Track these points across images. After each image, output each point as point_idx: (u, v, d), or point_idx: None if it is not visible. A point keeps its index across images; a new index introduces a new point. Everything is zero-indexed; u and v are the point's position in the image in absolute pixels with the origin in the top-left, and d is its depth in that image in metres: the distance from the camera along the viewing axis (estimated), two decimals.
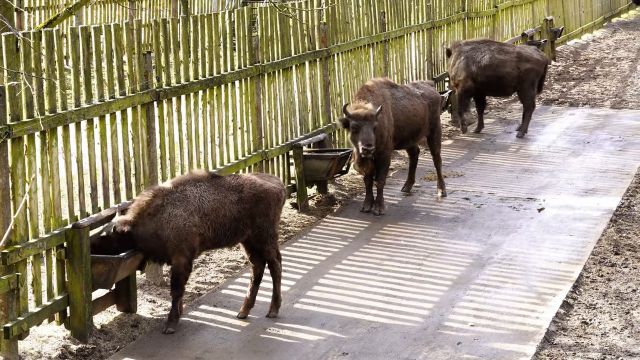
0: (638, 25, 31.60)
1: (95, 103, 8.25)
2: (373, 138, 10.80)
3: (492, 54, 15.70)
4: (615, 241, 10.31)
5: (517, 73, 15.59)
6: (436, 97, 12.26)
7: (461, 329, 8.05)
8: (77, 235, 7.65)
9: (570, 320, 8.28)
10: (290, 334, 7.99)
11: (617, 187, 12.42)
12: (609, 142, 15.11)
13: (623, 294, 8.84)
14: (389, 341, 7.83)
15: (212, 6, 24.84)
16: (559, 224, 10.96)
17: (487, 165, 13.79)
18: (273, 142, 11.39)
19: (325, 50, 12.59)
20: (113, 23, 8.64)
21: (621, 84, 20.42)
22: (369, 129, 10.80)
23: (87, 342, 7.69)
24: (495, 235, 10.58)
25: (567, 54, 24.73)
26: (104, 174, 8.43)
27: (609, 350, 7.66)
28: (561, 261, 9.71)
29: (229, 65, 10.45)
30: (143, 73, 8.88)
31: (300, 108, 12.09)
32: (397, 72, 15.07)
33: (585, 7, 28.53)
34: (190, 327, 8.16)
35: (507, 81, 15.63)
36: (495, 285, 9.07)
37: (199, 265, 9.68)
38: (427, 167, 13.17)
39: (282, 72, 11.59)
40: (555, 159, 14.05)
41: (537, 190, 12.34)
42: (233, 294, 8.91)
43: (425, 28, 16.26)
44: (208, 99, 10.07)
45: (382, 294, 8.78)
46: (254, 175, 8.31)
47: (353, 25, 13.57)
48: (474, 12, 18.69)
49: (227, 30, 10.37)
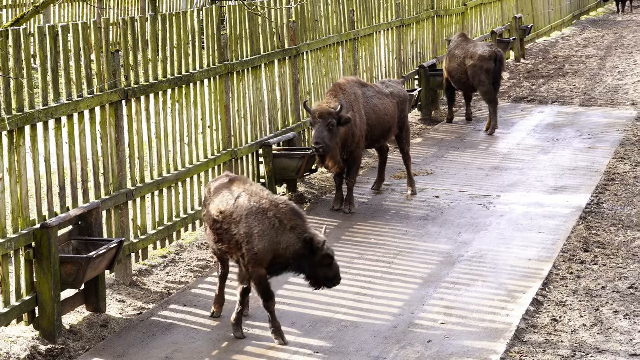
0: (607, 23, 31.84)
1: (64, 102, 8.18)
2: (326, 136, 10.60)
3: (454, 49, 16.00)
4: (584, 238, 10.37)
5: (464, 69, 15.84)
6: (405, 95, 12.28)
7: (432, 327, 8.07)
8: (46, 235, 7.58)
9: (541, 318, 8.32)
10: (261, 334, 7.96)
11: (586, 185, 12.50)
12: (578, 139, 15.20)
13: (593, 291, 8.89)
14: (359, 340, 7.82)
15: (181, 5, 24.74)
16: (529, 221, 11.01)
17: (457, 163, 13.83)
18: (242, 141, 11.35)
19: (294, 49, 12.56)
20: (81, 22, 8.57)
21: (590, 81, 20.55)
22: (322, 127, 10.66)
23: (56, 343, 7.63)
24: (466, 233, 10.61)
25: (536, 52, 24.87)
26: (73, 174, 8.36)
27: (578, 348, 7.69)
28: (531, 259, 9.75)
29: (198, 63, 10.40)
30: (111, 72, 8.82)
31: (269, 107, 12.06)
32: (366, 71, 15.07)
33: (555, 5, 28.71)
34: (160, 326, 8.11)
35: (458, 76, 15.88)
36: (465, 283, 9.09)
37: (168, 265, 9.64)
38: (397, 165, 13.19)
39: (251, 70, 11.55)
40: (525, 157, 14.12)
41: (507, 188, 12.39)
42: (203, 293, 8.87)
43: (394, 26, 16.28)
44: (177, 98, 10.01)
45: (352, 293, 8.77)
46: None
47: (322, 23, 13.55)
48: (443, 10, 18.73)
49: (196, 28, 10.32)
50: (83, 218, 8.25)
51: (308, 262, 7.59)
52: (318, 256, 7.56)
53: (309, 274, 7.67)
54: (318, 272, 7.63)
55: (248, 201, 7.66)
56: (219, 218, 7.75)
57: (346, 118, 10.75)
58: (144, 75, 9.41)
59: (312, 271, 7.63)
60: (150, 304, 8.67)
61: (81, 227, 8.27)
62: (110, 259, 8.08)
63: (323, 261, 7.58)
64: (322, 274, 7.64)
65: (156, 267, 9.55)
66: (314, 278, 7.68)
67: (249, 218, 7.59)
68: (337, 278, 7.70)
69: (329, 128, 10.67)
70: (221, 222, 7.73)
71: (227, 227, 7.68)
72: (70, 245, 8.17)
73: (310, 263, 7.58)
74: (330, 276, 7.66)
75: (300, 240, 7.56)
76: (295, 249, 7.58)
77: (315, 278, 7.67)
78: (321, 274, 7.64)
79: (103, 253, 7.90)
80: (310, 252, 7.55)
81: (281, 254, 7.60)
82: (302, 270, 7.68)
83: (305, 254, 7.57)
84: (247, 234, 7.56)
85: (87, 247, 8.14)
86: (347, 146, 11.21)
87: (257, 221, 7.58)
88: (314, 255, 7.55)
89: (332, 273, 7.65)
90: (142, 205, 9.37)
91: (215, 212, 7.79)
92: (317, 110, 10.76)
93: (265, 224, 7.57)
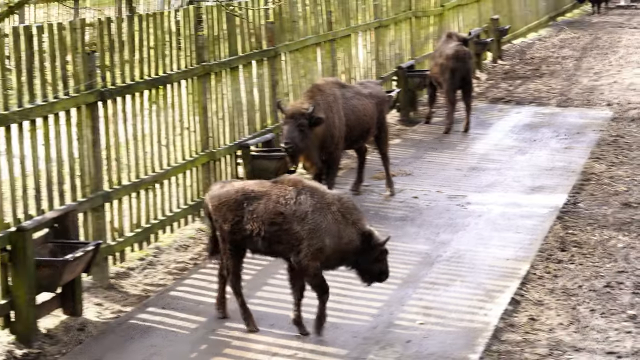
0: (583, 24, 32.02)
1: (39, 103, 8.12)
2: (295, 136, 10.46)
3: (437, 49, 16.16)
4: (561, 238, 10.41)
5: (434, 68, 15.93)
6: (383, 96, 12.29)
7: (410, 327, 8.07)
8: (21, 238, 7.52)
9: (518, 317, 8.34)
10: (240, 335, 7.94)
11: (563, 185, 12.55)
12: (555, 140, 15.26)
13: (570, 290, 8.93)
14: (339, 340, 7.81)
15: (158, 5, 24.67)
16: (507, 221, 11.04)
17: (435, 163, 13.85)
18: (220, 142, 11.32)
19: (272, 50, 12.54)
20: (56, 22, 8.52)
21: (566, 82, 20.66)
22: (292, 126, 10.54)
23: (32, 347, 7.57)
24: (444, 233, 10.63)
25: (513, 52, 24.97)
26: (48, 176, 8.30)
27: (556, 346, 7.72)
28: (509, 258, 9.78)
29: (175, 64, 10.36)
30: (87, 73, 8.77)
31: (247, 108, 12.03)
32: (344, 72, 15.07)
33: (531, 6, 28.84)
34: (138, 329, 8.07)
35: (435, 75, 15.98)
36: (444, 283, 9.10)
37: (146, 267, 9.59)
38: (375, 166, 13.19)
39: (229, 71, 11.52)
40: (502, 157, 14.16)
41: (485, 188, 12.42)
42: (181, 295, 8.83)
43: (372, 27, 16.29)
44: (154, 99, 9.97)
45: (331, 294, 8.73)
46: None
47: (300, 24, 13.54)
48: (421, 11, 18.76)
49: (173, 29, 10.28)
50: (59, 220, 8.19)
51: (365, 256, 7.73)
52: (376, 251, 7.72)
53: (365, 268, 7.81)
54: (373, 267, 7.79)
55: (311, 198, 7.70)
56: (277, 219, 7.68)
57: (317, 118, 10.62)
58: (121, 76, 9.36)
59: (368, 266, 7.78)
60: (128, 306, 8.62)
61: (57, 229, 8.20)
62: (87, 261, 8.02)
63: (380, 256, 7.76)
64: (376, 268, 7.81)
65: (134, 269, 9.50)
66: (369, 272, 7.82)
67: (314, 214, 7.63)
68: (388, 272, 7.88)
69: (299, 128, 10.54)
70: (280, 223, 7.67)
71: (288, 226, 7.66)
72: (47, 248, 8.10)
73: (368, 258, 7.73)
74: (384, 269, 7.84)
75: (360, 235, 7.69)
76: (356, 243, 7.70)
77: (370, 272, 7.82)
78: (376, 268, 7.80)
79: (80, 256, 7.85)
80: (368, 247, 7.70)
81: (342, 248, 7.70)
82: (356, 265, 7.82)
83: (363, 249, 7.70)
84: (312, 229, 7.60)
85: (63, 250, 8.07)
86: (325, 147, 11.19)
87: (322, 216, 7.63)
88: (372, 250, 7.71)
89: (385, 267, 7.84)
90: (119, 207, 9.32)
91: (271, 216, 7.69)
92: (289, 110, 10.69)
93: (329, 218, 7.64)
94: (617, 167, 13.38)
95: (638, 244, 10.20)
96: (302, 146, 10.61)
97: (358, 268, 7.84)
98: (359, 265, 7.81)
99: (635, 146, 14.64)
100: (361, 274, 7.88)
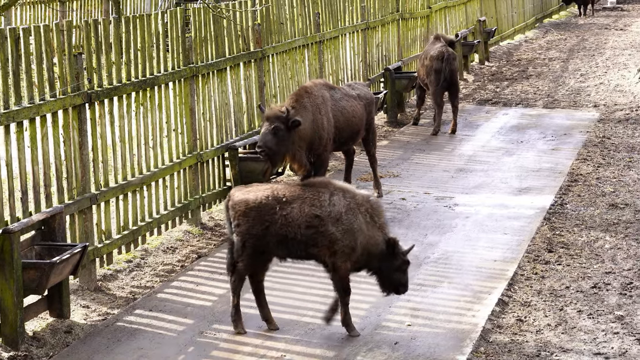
0: (569, 25, 32.13)
1: (25, 105, 8.10)
2: (269, 140, 10.41)
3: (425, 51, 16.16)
4: (548, 239, 10.44)
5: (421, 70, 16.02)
6: (371, 97, 12.30)
7: (398, 329, 8.07)
8: (8, 240, 7.48)
9: (506, 318, 8.35)
10: (228, 337, 7.93)
11: (550, 186, 12.58)
12: (542, 141, 15.30)
13: (557, 291, 8.95)
14: (327, 342, 7.80)
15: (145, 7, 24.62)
16: (494, 222, 11.06)
17: (423, 165, 13.87)
18: (208, 144, 11.30)
19: (259, 51, 12.53)
20: (43, 24, 8.49)
21: (553, 83, 20.72)
22: (267, 130, 10.54)
23: (19, 350, 7.53)
24: (432, 234, 10.64)
25: (500, 54, 25.03)
26: (35, 178, 8.27)
27: (543, 347, 7.74)
28: (496, 259, 9.80)
29: (163, 66, 10.34)
30: (74, 75, 8.74)
31: (235, 109, 12.02)
32: (332, 73, 15.08)
33: (518, 8, 28.91)
34: (125, 332, 8.05)
35: (421, 76, 16.04)
36: (431, 284, 9.11)
37: (133, 269, 9.57)
38: (362, 167, 13.20)
39: (216, 73, 11.50)
40: (490, 159, 14.19)
41: (472, 190, 12.44)
42: (169, 297, 8.81)
43: (359, 29, 16.30)
44: (141, 101, 9.95)
45: (319, 295, 8.76)
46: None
47: (288, 26, 13.54)
48: (408, 13, 18.79)
49: (160, 31, 10.26)
50: (46, 223, 8.16)
51: (388, 263, 7.76)
52: (399, 260, 7.76)
53: (385, 276, 7.83)
54: (393, 276, 7.82)
55: (344, 198, 7.75)
56: (314, 222, 7.68)
57: (293, 121, 10.60)
58: (108, 78, 9.34)
59: (389, 274, 7.81)
60: (115, 309, 8.60)
61: (44, 232, 8.18)
62: (74, 264, 8.00)
63: (402, 266, 7.79)
64: (397, 278, 7.83)
65: (121, 271, 9.48)
66: (390, 281, 7.85)
67: (347, 214, 7.68)
68: (407, 285, 7.91)
69: (274, 131, 10.50)
70: (317, 225, 7.68)
71: (324, 228, 7.67)
72: (33, 250, 8.08)
73: (390, 265, 7.76)
74: (404, 282, 7.86)
75: (385, 241, 7.74)
76: (382, 247, 7.74)
77: (390, 281, 7.85)
78: (396, 278, 7.83)
79: (66, 258, 7.82)
80: (392, 254, 7.73)
81: (370, 250, 7.75)
82: (379, 271, 7.85)
83: (387, 254, 7.74)
84: (346, 229, 7.64)
85: (50, 252, 8.05)
86: (313, 149, 11.18)
87: (354, 216, 7.69)
88: (394, 258, 7.75)
89: (405, 279, 7.86)
90: (107, 209, 9.29)
91: (307, 219, 7.67)
92: (266, 113, 10.68)
93: (360, 219, 7.70)
94: (603, 168, 13.42)
95: (625, 244, 10.23)
96: (277, 150, 10.51)
97: (380, 275, 7.88)
98: (381, 272, 7.86)
99: (622, 147, 14.69)
100: (381, 281, 7.91)
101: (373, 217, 7.79)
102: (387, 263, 7.78)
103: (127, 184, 9.57)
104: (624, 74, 21.43)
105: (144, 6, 24.62)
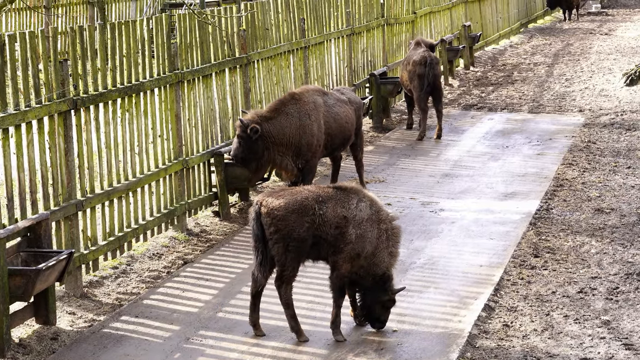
0: (554, 30, 32.25)
1: (11, 112, 8.07)
2: (236, 148, 10.77)
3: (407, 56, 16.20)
4: (534, 244, 10.47)
5: (404, 75, 16.07)
6: (360, 102, 12.35)
7: (384, 334, 8.08)
8: None
9: (492, 323, 8.37)
10: (214, 343, 7.92)
11: (535, 191, 12.62)
12: (528, 146, 15.35)
13: (543, 296, 8.97)
14: (313, 348, 7.80)
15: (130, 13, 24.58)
16: (480, 228, 11.08)
17: (409, 170, 13.89)
18: (194, 150, 11.29)
19: (245, 57, 12.53)
20: (28, 30, 8.47)
21: (538, 88, 20.79)
22: (236, 139, 10.80)
23: (5, 357, 7.51)
24: (417, 240, 10.65)
25: (485, 59, 25.10)
26: (21, 185, 8.24)
27: (530, 352, 7.75)
28: (482, 265, 9.82)
29: (148, 72, 10.33)
30: (60, 81, 8.72)
31: (221, 115, 12.01)
32: (317, 79, 15.09)
33: (503, 13, 29.01)
34: (112, 338, 8.02)
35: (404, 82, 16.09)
36: (417, 289, 9.12)
37: (119, 275, 9.54)
38: (348, 173, 13.21)
39: (201, 79, 11.50)
40: (475, 164, 14.22)
41: (458, 195, 12.47)
42: (155, 304, 8.80)
43: (345, 34, 16.32)
44: (127, 107, 9.93)
45: (305, 301, 8.75)
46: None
47: (273, 31, 13.54)
48: (393, 19, 18.83)
49: (145, 37, 10.25)
50: (32, 229, 8.14)
51: (376, 292, 7.95)
52: (387, 295, 7.97)
53: (369, 303, 8.01)
54: (375, 307, 8.02)
55: (370, 207, 7.92)
56: (341, 223, 7.80)
57: (251, 128, 10.66)
58: (93, 85, 9.32)
59: (373, 303, 7.99)
60: (101, 315, 8.57)
61: (30, 238, 8.15)
62: (59, 270, 7.98)
63: (387, 303, 8.00)
64: (378, 311, 8.03)
65: (107, 278, 9.45)
66: (369, 310, 8.03)
67: (367, 223, 7.83)
68: (385, 323, 8.10)
69: (239, 141, 10.76)
70: (342, 226, 7.79)
71: (345, 230, 7.79)
72: (19, 257, 8.05)
73: (377, 295, 7.96)
74: (382, 319, 8.07)
75: (385, 269, 7.93)
76: (380, 272, 7.92)
77: (370, 310, 8.04)
78: (377, 311, 8.03)
79: (52, 265, 7.80)
80: (381, 287, 7.94)
81: (371, 267, 7.89)
82: (365, 293, 8.02)
83: (377, 284, 7.93)
84: (360, 235, 7.79)
85: (36, 259, 8.03)
86: (302, 155, 11.19)
87: (371, 227, 7.85)
88: (383, 291, 7.95)
89: (385, 317, 8.07)
90: (92, 215, 9.27)
91: (337, 219, 7.78)
92: (236, 122, 10.95)
93: (374, 232, 7.86)
94: (589, 173, 13.47)
95: (611, 249, 10.27)
96: (244, 156, 10.83)
97: (364, 299, 8.03)
98: (365, 296, 8.01)
99: (607, 152, 14.75)
100: (363, 307, 8.06)
101: (389, 240, 7.96)
102: (376, 292, 7.95)
103: (112, 190, 9.55)
104: (609, 78, 21.53)
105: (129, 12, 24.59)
